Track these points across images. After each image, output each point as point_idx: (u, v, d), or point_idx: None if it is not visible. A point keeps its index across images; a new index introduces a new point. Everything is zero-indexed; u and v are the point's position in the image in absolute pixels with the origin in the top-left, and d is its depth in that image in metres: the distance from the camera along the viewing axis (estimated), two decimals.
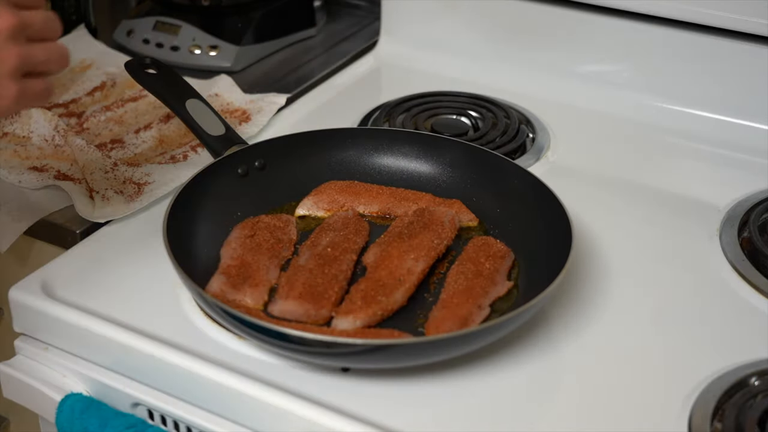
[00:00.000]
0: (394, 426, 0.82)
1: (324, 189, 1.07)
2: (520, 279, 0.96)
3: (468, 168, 1.08)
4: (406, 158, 1.11)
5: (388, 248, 0.97)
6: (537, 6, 1.33)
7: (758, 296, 0.97)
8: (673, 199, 1.13)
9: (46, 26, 0.85)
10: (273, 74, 1.39)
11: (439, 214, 1.02)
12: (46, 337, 0.96)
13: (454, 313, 0.89)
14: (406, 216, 1.04)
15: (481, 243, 0.99)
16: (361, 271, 0.97)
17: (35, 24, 0.83)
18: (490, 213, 1.05)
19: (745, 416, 0.82)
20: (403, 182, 1.09)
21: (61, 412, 0.92)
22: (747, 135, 1.22)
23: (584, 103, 1.30)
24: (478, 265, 0.95)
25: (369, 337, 0.87)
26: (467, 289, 0.92)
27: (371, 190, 1.08)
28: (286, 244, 1.00)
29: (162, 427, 0.92)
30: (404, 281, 0.93)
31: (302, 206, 1.06)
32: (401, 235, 0.99)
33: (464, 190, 1.07)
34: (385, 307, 0.90)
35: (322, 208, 1.06)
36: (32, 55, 0.82)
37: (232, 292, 0.92)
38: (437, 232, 0.99)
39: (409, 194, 1.07)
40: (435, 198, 1.06)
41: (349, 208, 1.06)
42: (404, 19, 1.42)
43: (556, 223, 0.96)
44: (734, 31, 1.21)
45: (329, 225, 1.02)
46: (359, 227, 1.02)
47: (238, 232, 1.00)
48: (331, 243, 0.98)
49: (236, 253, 0.96)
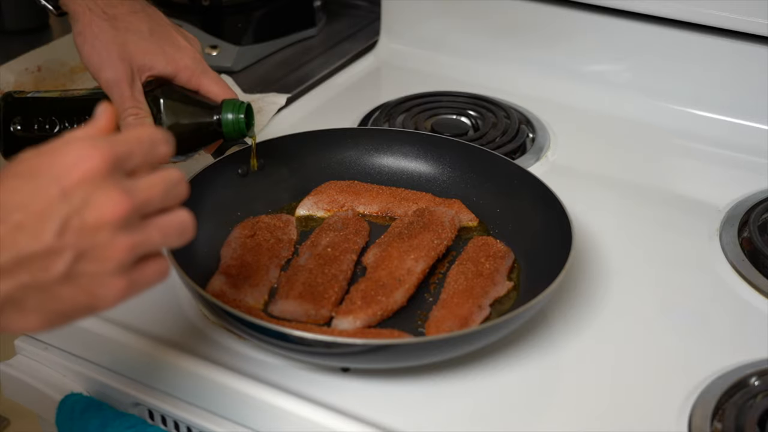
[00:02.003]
0: (394, 426, 0.82)
1: (324, 189, 1.07)
2: (521, 279, 0.96)
3: (468, 168, 1.08)
4: (406, 158, 1.11)
5: (388, 248, 0.97)
6: (537, 6, 1.33)
7: (758, 296, 0.97)
8: (673, 199, 1.13)
9: (170, 195, 0.67)
10: (273, 74, 1.39)
11: (439, 214, 1.02)
12: (46, 337, 0.96)
13: (454, 313, 0.89)
14: (406, 216, 1.04)
15: (481, 243, 0.99)
16: (361, 271, 0.97)
17: (155, 198, 0.66)
18: (490, 213, 1.05)
19: (745, 416, 0.82)
20: (403, 182, 1.09)
21: (61, 412, 0.92)
22: (747, 135, 1.22)
23: (584, 103, 1.30)
24: (478, 265, 0.95)
25: (369, 337, 0.87)
26: (467, 288, 0.92)
27: (371, 190, 1.08)
28: (286, 244, 1.00)
29: (162, 427, 0.92)
30: (404, 281, 0.93)
31: (302, 206, 1.06)
32: (401, 235, 0.99)
33: (464, 190, 1.07)
34: (385, 307, 0.90)
35: (322, 208, 1.06)
36: (147, 241, 0.66)
37: (232, 291, 0.92)
38: (437, 232, 0.99)
39: (409, 194, 1.07)
40: (435, 198, 1.06)
41: (349, 208, 1.06)
42: (404, 19, 1.42)
43: (556, 223, 0.96)
44: (734, 31, 1.21)
45: (329, 225, 1.02)
46: (359, 227, 1.02)
47: (238, 232, 1.00)
48: (331, 243, 0.98)
49: (236, 254, 0.96)
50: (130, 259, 0.65)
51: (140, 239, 0.65)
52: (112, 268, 0.64)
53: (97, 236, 0.63)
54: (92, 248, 0.63)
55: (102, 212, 0.63)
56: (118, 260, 0.64)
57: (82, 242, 0.63)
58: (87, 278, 0.64)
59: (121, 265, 0.64)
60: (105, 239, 0.63)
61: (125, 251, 0.64)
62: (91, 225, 0.63)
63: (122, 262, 0.64)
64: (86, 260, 0.63)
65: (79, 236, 0.63)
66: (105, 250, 0.63)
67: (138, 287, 0.67)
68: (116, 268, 0.64)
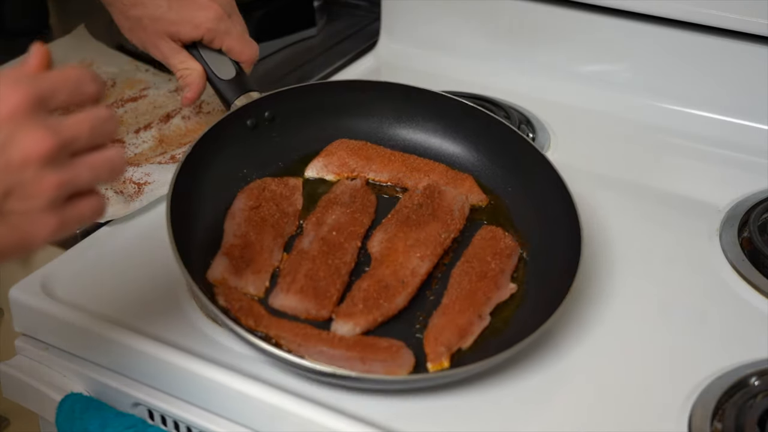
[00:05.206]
0: (394, 426, 0.82)
1: (334, 150, 1.05)
2: (525, 278, 0.95)
3: (485, 141, 1.06)
4: (423, 121, 1.08)
5: (393, 238, 0.96)
6: (537, 6, 1.32)
7: (758, 296, 0.97)
8: (674, 199, 1.13)
9: (97, 132, 0.68)
10: (273, 74, 1.39)
11: (449, 200, 1.00)
12: (46, 337, 0.96)
13: (453, 322, 0.88)
14: (415, 194, 1.01)
15: (489, 236, 0.98)
16: (365, 256, 0.96)
17: (82, 135, 0.66)
18: (501, 191, 1.03)
19: (745, 416, 0.82)
20: (414, 149, 1.07)
21: (61, 412, 0.92)
22: (747, 135, 1.22)
23: (584, 103, 1.30)
24: (484, 264, 0.94)
25: (366, 352, 0.85)
26: (470, 293, 0.91)
27: (383, 155, 1.05)
28: (291, 217, 0.98)
29: (162, 427, 0.92)
30: (407, 284, 0.92)
31: (311, 168, 1.04)
32: (408, 221, 0.97)
33: (477, 163, 1.05)
34: (386, 312, 0.90)
35: (331, 171, 1.04)
36: (75, 178, 0.66)
37: (234, 278, 0.91)
38: (446, 222, 0.97)
39: (421, 163, 1.05)
40: (448, 170, 1.04)
41: (359, 175, 1.04)
42: (404, 19, 1.42)
43: (564, 215, 0.95)
44: (734, 31, 1.21)
45: (336, 197, 1.00)
46: (366, 202, 1.00)
47: (242, 202, 0.98)
48: (337, 225, 0.96)
49: (240, 230, 0.95)
50: (60, 195, 0.65)
51: (68, 176, 0.66)
52: (41, 205, 0.65)
53: (23, 173, 0.64)
54: (19, 186, 0.64)
55: (26, 149, 0.64)
56: (46, 197, 0.65)
57: (7, 180, 0.64)
58: (16, 216, 0.65)
59: (51, 202, 0.65)
60: (31, 176, 0.64)
61: (53, 188, 0.65)
62: (16, 163, 0.64)
63: (51, 199, 0.65)
64: (14, 198, 0.64)
65: (4, 174, 0.64)
66: (32, 187, 0.64)
67: (70, 224, 0.67)
68: (46, 205, 0.65)
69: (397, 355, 0.85)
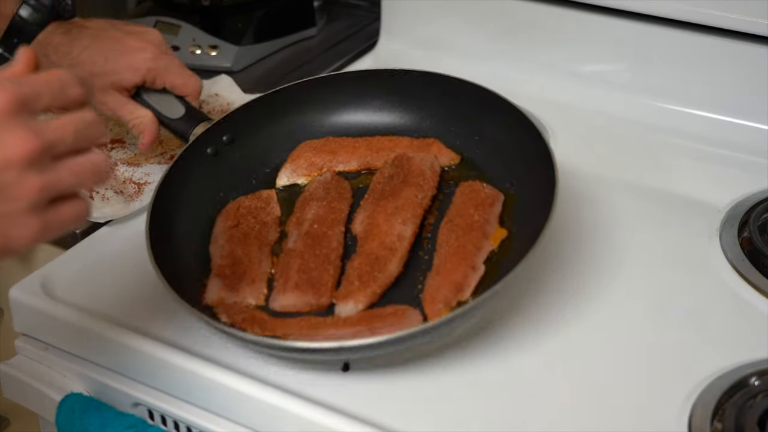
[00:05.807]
0: (394, 426, 0.82)
1: (300, 153, 1.06)
2: (514, 219, 0.96)
3: (436, 99, 1.06)
4: (374, 101, 1.08)
5: (373, 213, 0.96)
6: (537, 6, 1.32)
7: (758, 296, 0.97)
8: (673, 199, 1.13)
9: (82, 136, 0.67)
10: (273, 74, 1.39)
11: (417, 162, 1.00)
12: (46, 337, 0.96)
13: (448, 280, 0.89)
14: (385, 168, 1.02)
15: (468, 190, 0.98)
16: (352, 240, 0.96)
17: (66, 138, 0.66)
18: (469, 142, 1.04)
19: (745, 416, 0.82)
20: (377, 130, 1.08)
21: (61, 412, 0.92)
22: (747, 135, 1.22)
23: (584, 103, 1.30)
24: (467, 217, 0.94)
25: (373, 321, 0.86)
26: (459, 248, 0.91)
27: (347, 145, 1.06)
28: (271, 225, 0.99)
29: (162, 427, 0.92)
30: (396, 250, 0.92)
31: (281, 176, 1.05)
32: (384, 194, 0.98)
33: (440, 127, 1.05)
34: (383, 282, 0.90)
35: (301, 174, 1.04)
36: (58, 181, 0.65)
37: (230, 295, 0.91)
38: (419, 185, 0.98)
39: (385, 142, 1.06)
40: (413, 141, 1.05)
41: (328, 170, 1.04)
42: (404, 19, 1.42)
43: (533, 144, 0.96)
44: (734, 31, 1.20)
45: (311, 194, 1.01)
46: (341, 190, 1.01)
47: (221, 224, 0.99)
48: (317, 218, 0.97)
49: (225, 250, 0.95)
50: (42, 199, 0.65)
51: (51, 179, 0.65)
52: (23, 207, 0.64)
53: (5, 175, 0.63)
54: (1, 187, 0.63)
55: (8, 151, 0.63)
56: (28, 200, 0.64)
57: None
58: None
59: (33, 205, 0.64)
60: (13, 178, 0.63)
61: (35, 191, 0.64)
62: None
63: (33, 202, 0.64)
64: None
65: None
66: (14, 189, 0.64)
67: (53, 228, 0.66)
68: (28, 208, 0.64)
69: (403, 317, 0.86)
